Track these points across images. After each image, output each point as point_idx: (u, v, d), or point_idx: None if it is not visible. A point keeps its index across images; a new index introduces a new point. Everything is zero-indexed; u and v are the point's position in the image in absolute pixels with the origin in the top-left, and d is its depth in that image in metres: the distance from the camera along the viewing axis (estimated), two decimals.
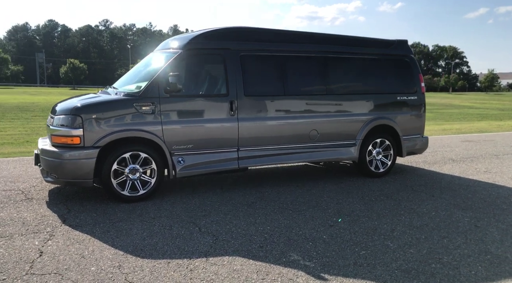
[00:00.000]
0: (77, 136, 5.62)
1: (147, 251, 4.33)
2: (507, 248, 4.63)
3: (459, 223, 5.42)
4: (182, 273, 3.86)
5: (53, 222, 5.11)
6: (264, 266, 4.04)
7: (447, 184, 7.43)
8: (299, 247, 4.51)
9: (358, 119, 7.48)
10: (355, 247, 4.54)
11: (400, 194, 6.73)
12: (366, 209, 5.91)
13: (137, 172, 5.92)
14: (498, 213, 5.86)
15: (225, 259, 4.17)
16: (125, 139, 5.85)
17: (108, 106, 5.86)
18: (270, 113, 6.77)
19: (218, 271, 3.90)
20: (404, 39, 8.23)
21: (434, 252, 4.46)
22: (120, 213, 5.50)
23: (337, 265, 4.10)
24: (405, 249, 4.53)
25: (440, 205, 6.17)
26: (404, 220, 5.47)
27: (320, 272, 3.96)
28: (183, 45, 6.34)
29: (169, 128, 6.03)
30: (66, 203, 5.87)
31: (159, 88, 5.96)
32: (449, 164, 9.34)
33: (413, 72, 8.08)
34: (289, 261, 4.17)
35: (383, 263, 4.18)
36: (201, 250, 4.38)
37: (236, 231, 4.93)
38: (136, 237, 4.68)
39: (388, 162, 7.85)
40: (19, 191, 6.41)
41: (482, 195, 6.77)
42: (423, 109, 8.20)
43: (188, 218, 5.34)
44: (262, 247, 4.50)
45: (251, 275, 3.85)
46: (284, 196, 6.45)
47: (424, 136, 8.37)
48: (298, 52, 7.03)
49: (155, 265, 4.01)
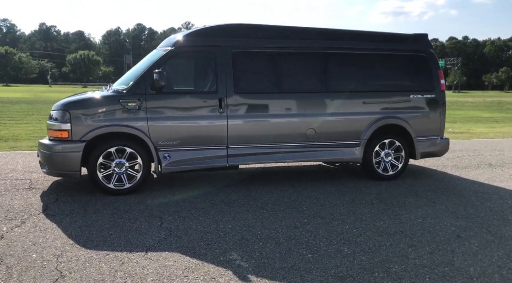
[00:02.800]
0: (65, 130, 5.93)
1: (96, 242, 4.46)
2: (476, 261, 4.18)
3: (441, 232, 4.97)
4: (112, 265, 3.93)
5: (34, 210, 5.43)
6: (196, 263, 4.01)
7: (459, 191, 6.84)
8: (246, 247, 4.41)
9: (362, 118, 7.10)
10: (304, 250, 4.35)
11: (398, 198, 6.30)
12: (347, 212, 5.61)
13: (124, 166, 6.12)
14: (496, 224, 5.30)
15: (163, 255, 4.18)
16: (112, 134, 6.07)
17: (95, 102, 6.12)
18: (262, 110, 6.67)
19: (147, 266, 3.93)
20: (423, 33, 7.67)
21: (387, 261, 4.15)
22: (99, 205, 5.72)
23: (272, 267, 3.95)
24: (358, 255, 4.26)
25: (434, 212, 5.70)
26: (380, 225, 5.13)
27: (249, 273, 3.85)
28: (174, 43, 6.45)
29: (154, 124, 6.16)
30: (59, 193, 6.21)
31: (146, 85, 6.11)
32: (481, 169, 8.57)
33: (431, 68, 7.50)
34: (225, 260, 4.09)
35: (323, 268, 3.96)
36: (147, 244, 4.43)
37: (195, 228, 4.92)
38: (95, 229, 4.84)
39: (399, 164, 7.38)
40: (27, 180, 6.89)
41: (492, 204, 6.14)
42: (442, 108, 7.58)
43: (158, 213, 5.42)
44: (209, 245, 4.45)
45: (177, 272, 3.83)
46: (270, 195, 6.32)
47: (444, 138, 7.75)
48: (294, 48, 6.85)
49: (93, 256, 4.12)
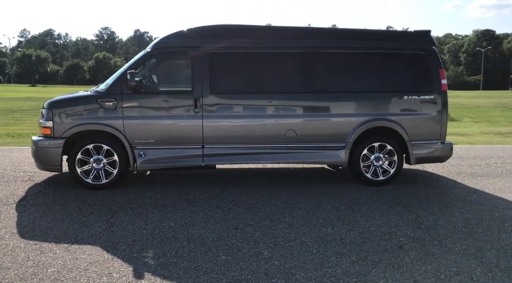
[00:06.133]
0: (48, 127, 6.38)
1: (37, 233, 4.76)
2: (393, 275, 3.90)
3: (385, 242, 4.66)
4: (29, 255, 4.19)
5: (10, 200, 5.91)
6: (106, 258, 4.15)
7: (449, 200, 6.30)
8: (168, 245, 4.47)
9: (347, 120, 6.80)
10: (223, 252, 4.32)
11: (371, 205, 5.97)
12: (302, 216, 5.44)
13: (101, 162, 6.44)
14: (455, 237, 4.85)
15: (84, 248, 4.37)
16: (90, 132, 6.41)
17: (75, 101, 6.52)
18: (238, 111, 6.66)
19: (60, 257, 4.14)
20: (425, 30, 7.15)
21: (298, 268, 4.01)
22: (72, 198, 6.07)
23: (174, 267, 3.99)
24: (273, 260, 4.15)
25: (397, 221, 5.33)
26: (324, 231, 4.93)
27: (147, 270, 3.92)
28: (153, 45, 6.66)
29: (130, 123, 6.40)
30: (46, 186, 6.68)
31: (122, 85, 6.37)
32: (500, 178, 7.79)
33: (430, 67, 6.97)
34: (137, 257, 4.20)
35: (225, 271, 3.92)
36: (79, 237, 4.65)
37: (137, 225, 5.06)
38: (46, 220, 5.16)
39: (391, 169, 6.96)
40: (28, 173, 7.48)
41: (473, 216, 5.59)
42: (442, 110, 7.01)
43: (116, 208, 5.64)
44: (134, 241, 4.58)
45: (81, 265, 3.99)
46: (240, 196, 6.29)
47: (446, 142, 7.16)
48: (274, 48, 6.73)
49: (20, 245, 4.42)
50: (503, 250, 4.49)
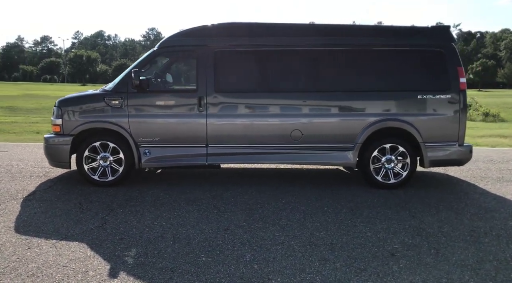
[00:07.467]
0: (58, 125, 6.54)
1: (32, 228, 4.88)
2: None
3: (377, 248, 4.45)
4: (17, 249, 4.28)
5: (20, 195, 6.10)
6: (88, 256, 4.19)
7: (462, 206, 5.94)
8: (153, 245, 4.46)
9: (357, 120, 6.55)
10: (204, 253, 4.27)
11: (375, 209, 5.72)
12: (298, 219, 5.29)
13: (108, 160, 6.53)
14: (456, 245, 4.56)
15: (70, 244, 4.43)
16: (97, 129, 6.52)
17: (83, 100, 6.65)
18: (243, 110, 6.56)
19: (44, 253, 4.21)
20: (443, 26, 6.80)
21: (276, 273, 3.89)
22: (76, 194, 6.19)
23: (151, 267, 3.97)
24: (253, 263, 4.06)
25: (398, 227, 5.07)
26: (317, 236, 4.77)
27: (124, 269, 3.92)
28: (160, 43, 6.68)
29: (135, 121, 6.46)
30: (57, 182, 6.86)
31: (127, 84, 6.44)
32: None
33: (448, 65, 6.59)
34: (118, 255, 4.21)
35: (199, 273, 3.87)
36: (70, 233, 4.73)
37: (129, 223, 5.09)
38: (44, 216, 5.28)
39: (403, 172, 6.64)
40: (45, 169, 7.71)
41: (484, 224, 5.24)
42: (460, 111, 6.61)
43: (115, 206, 5.70)
44: (121, 239, 4.60)
45: (62, 261, 4.05)
46: (241, 196, 6.20)
47: (465, 145, 6.75)
48: (280, 46, 6.58)
49: (12, 240, 4.53)
50: (505, 262, 4.17)
